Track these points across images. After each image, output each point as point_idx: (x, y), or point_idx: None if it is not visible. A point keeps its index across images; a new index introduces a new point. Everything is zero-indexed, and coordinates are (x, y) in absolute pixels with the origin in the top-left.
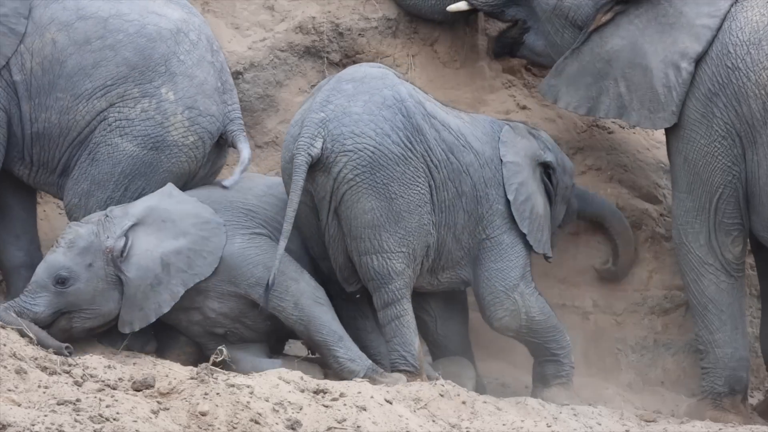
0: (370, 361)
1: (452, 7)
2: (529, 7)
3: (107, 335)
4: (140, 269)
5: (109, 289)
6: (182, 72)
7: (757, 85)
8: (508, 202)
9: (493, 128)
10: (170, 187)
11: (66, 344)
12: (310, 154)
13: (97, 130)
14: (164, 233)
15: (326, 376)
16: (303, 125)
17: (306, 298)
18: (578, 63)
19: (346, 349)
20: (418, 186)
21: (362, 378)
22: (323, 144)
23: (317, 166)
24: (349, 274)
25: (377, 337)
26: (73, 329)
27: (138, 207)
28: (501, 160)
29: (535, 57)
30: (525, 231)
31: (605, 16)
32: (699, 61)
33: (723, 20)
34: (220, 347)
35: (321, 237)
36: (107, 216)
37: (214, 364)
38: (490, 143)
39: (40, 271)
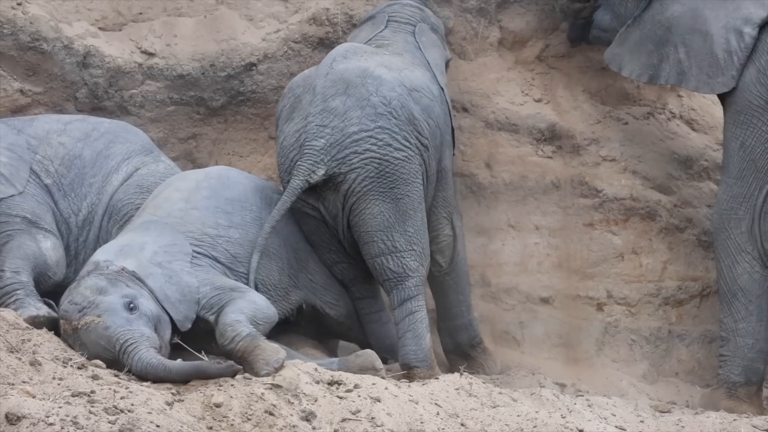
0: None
1: None
2: None
3: None
4: (149, 276)
5: (155, 300)
6: None
7: None
8: (451, 129)
9: (417, 56)
10: None
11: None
12: (308, 180)
13: None
14: (130, 252)
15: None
16: (303, 152)
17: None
18: (640, 31)
19: (238, 316)
20: (417, 180)
21: (245, 336)
22: (327, 169)
23: (326, 186)
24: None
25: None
26: (163, 343)
27: (106, 247)
28: (441, 89)
29: (603, 34)
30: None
31: None
32: (762, 27)
33: None
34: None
35: (331, 246)
36: (87, 263)
37: None
38: (431, 76)
39: (113, 319)
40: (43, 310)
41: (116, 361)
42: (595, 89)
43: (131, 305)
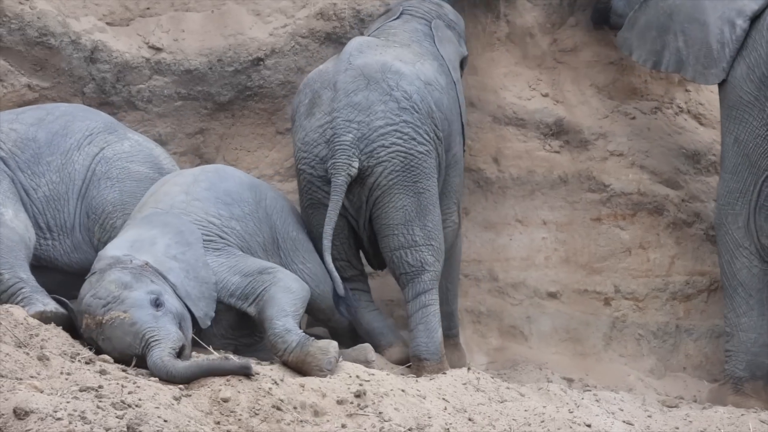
0: (304, 334)
1: None
2: None
3: None
4: (169, 271)
5: (177, 297)
6: None
7: None
8: (460, 118)
9: (424, 46)
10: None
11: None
12: (349, 174)
13: None
14: (142, 247)
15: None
16: (334, 148)
17: (275, 288)
18: (645, 16)
19: (285, 322)
20: (435, 174)
21: (295, 347)
22: (359, 162)
23: (354, 179)
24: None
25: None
26: (185, 341)
27: (115, 242)
28: (455, 83)
29: (620, 19)
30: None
31: None
32: (754, 20)
33: None
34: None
35: (336, 241)
36: (103, 258)
37: None
38: (437, 66)
39: (140, 315)
40: (50, 306)
41: (141, 356)
42: (602, 84)
43: (157, 302)
